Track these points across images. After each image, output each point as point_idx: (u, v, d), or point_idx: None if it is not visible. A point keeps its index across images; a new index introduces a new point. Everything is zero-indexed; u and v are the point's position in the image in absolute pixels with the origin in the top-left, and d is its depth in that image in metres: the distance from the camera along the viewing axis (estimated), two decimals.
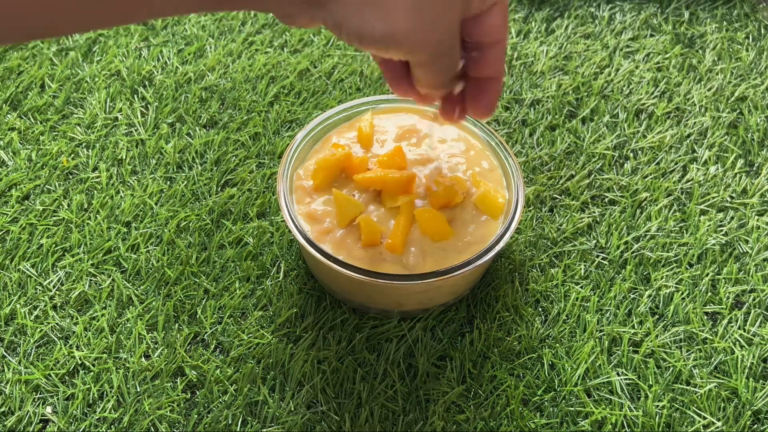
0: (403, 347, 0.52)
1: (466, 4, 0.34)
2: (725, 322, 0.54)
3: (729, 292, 0.55)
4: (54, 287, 0.54)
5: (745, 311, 0.54)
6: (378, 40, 0.32)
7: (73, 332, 0.52)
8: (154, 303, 0.53)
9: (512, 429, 0.48)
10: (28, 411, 0.48)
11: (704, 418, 0.49)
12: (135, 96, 0.66)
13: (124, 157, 0.62)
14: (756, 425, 0.49)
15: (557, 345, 0.52)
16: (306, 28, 0.38)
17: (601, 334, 0.53)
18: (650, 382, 0.51)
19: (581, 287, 0.55)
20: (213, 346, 0.52)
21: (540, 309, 0.54)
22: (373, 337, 0.52)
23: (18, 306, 0.53)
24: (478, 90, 0.40)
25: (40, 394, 0.49)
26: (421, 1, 0.31)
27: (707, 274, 0.56)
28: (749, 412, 0.49)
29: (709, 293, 0.55)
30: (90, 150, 0.62)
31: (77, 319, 0.53)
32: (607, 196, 0.61)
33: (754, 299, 0.55)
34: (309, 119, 0.65)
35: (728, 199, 0.61)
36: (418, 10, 0.32)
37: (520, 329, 0.53)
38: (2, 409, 0.49)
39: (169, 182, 0.61)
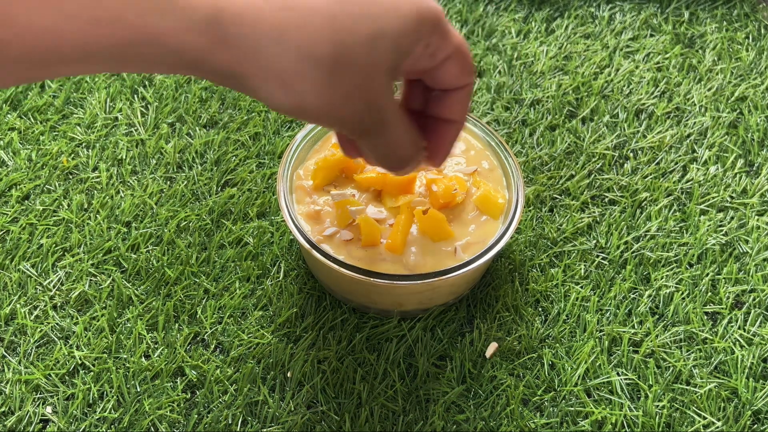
0: (403, 347, 0.52)
1: (393, 73, 0.31)
2: (725, 322, 0.54)
3: (729, 292, 0.55)
4: (54, 287, 0.54)
5: (745, 311, 0.54)
6: (291, 112, 0.30)
7: (73, 332, 0.52)
8: (154, 303, 0.53)
9: (512, 429, 0.48)
10: (28, 411, 0.48)
11: (704, 418, 0.49)
12: (135, 96, 0.66)
13: (124, 157, 0.62)
14: (756, 425, 0.49)
15: (557, 345, 0.52)
16: None
17: (601, 334, 0.53)
18: (650, 382, 0.51)
19: (581, 287, 0.55)
20: (213, 346, 0.52)
21: (540, 309, 0.54)
22: (373, 337, 0.52)
23: (18, 306, 0.53)
24: (432, 132, 0.37)
25: (40, 394, 0.49)
26: (330, 79, 0.29)
27: (707, 274, 0.56)
28: (749, 412, 0.49)
29: (709, 293, 0.55)
30: (90, 150, 0.62)
31: (77, 319, 0.53)
32: (607, 196, 0.61)
33: (754, 299, 0.55)
34: None
35: (728, 199, 0.61)
36: (325, 86, 0.29)
37: (520, 329, 0.53)
38: (2, 409, 0.49)
39: (169, 182, 0.61)
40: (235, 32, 0.28)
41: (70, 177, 0.61)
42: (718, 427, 0.49)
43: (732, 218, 0.59)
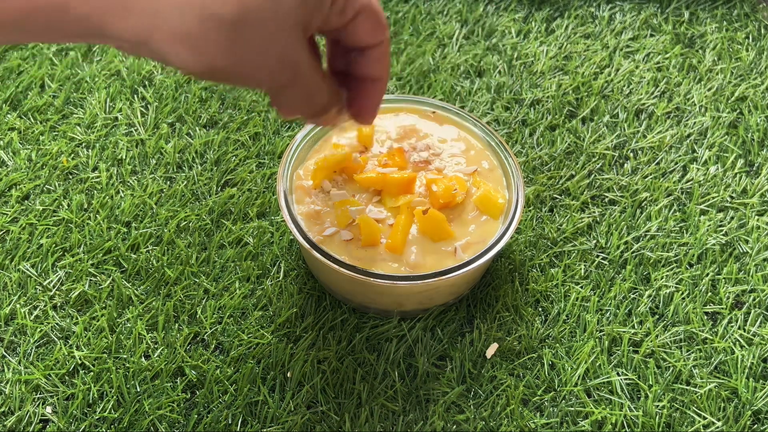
0: (403, 347, 0.52)
1: (303, 29, 0.31)
2: (725, 322, 0.54)
3: (729, 292, 0.55)
4: (54, 287, 0.54)
5: (745, 311, 0.54)
6: (202, 74, 0.30)
7: (73, 332, 0.52)
8: (154, 303, 0.53)
9: (512, 429, 0.48)
10: (28, 411, 0.48)
11: (704, 418, 0.49)
12: (135, 96, 0.66)
13: (124, 157, 0.62)
14: (756, 425, 0.49)
15: (557, 345, 0.52)
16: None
17: (601, 334, 0.53)
18: (650, 382, 0.51)
19: (581, 287, 0.55)
20: (213, 346, 0.52)
21: (540, 309, 0.54)
22: (373, 337, 0.52)
23: (18, 306, 0.53)
24: (358, 92, 0.38)
25: (40, 394, 0.49)
26: (236, 37, 0.29)
27: (707, 274, 0.56)
28: (749, 412, 0.49)
29: (709, 293, 0.55)
30: (90, 150, 0.62)
31: (77, 319, 0.53)
32: (607, 196, 0.61)
33: (754, 299, 0.55)
34: None
35: (728, 199, 0.61)
36: (232, 45, 0.29)
37: (520, 329, 0.53)
38: (2, 409, 0.49)
39: (169, 182, 0.61)
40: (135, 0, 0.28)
41: (70, 177, 0.61)
42: (718, 427, 0.49)
43: (732, 218, 0.59)
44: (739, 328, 0.53)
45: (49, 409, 0.49)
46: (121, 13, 0.28)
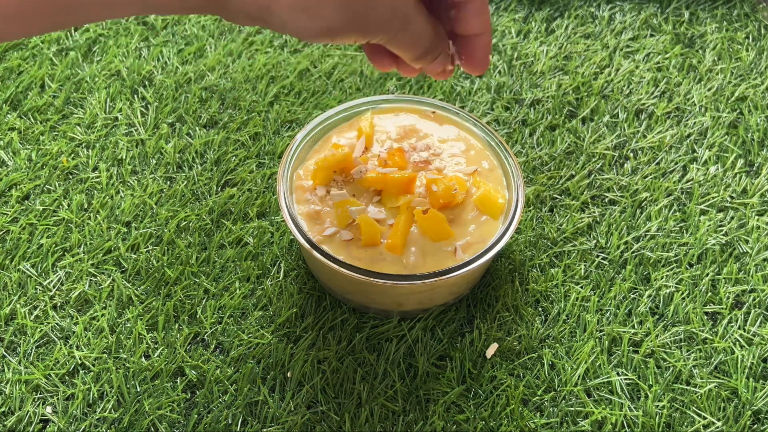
0: (403, 347, 0.52)
1: None
2: (725, 322, 0.54)
3: (729, 292, 0.55)
4: (54, 287, 0.54)
5: (745, 311, 0.54)
6: (320, 36, 0.33)
7: (73, 332, 0.52)
8: (154, 303, 0.53)
9: (512, 429, 0.48)
10: (28, 411, 0.48)
11: (704, 418, 0.49)
12: (135, 96, 0.66)
13: (124, 157, 0.62)
14: (756, 425, 0.49)
15: (557, 345, 0.52)
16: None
17: (601, 334, 0.53)
18: (650, 382, 0.51)
19: (581, 287, 0.55)
20: (213, 346, 0.52)
21: (540, 309, 0.54)
22: (373, 337, 0.52)
23: (18, 306, 0.53)
24: (466, 47, 0.40)
25: (40, 394, 0.49)
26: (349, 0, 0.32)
27: (707, 274, 0.56)
28: (749, 412, 0.49)
29: (709, 293, 0.55)
30: (90, 150, 0.62)
31: (77, 319, 0.53)
32: (607, 196, 0.61)
33: (754, 299, 0.55)
34: (309, 119, 0.65)
35: (728, 199, 0.61)
36: (346, 7, 0.32)
37: (520, 329, 0.53)
38: (2, 409, 0.49)
39: (169, 182, 0.61)
40: None
41: (70, 177, 0.61)
42: (718, 427, 0.49)
43: (732, 218, 0.59)
44: (739, 328, 0.53)
45: (49, 409, 0.49)
46: None
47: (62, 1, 0.28)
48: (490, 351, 0.52)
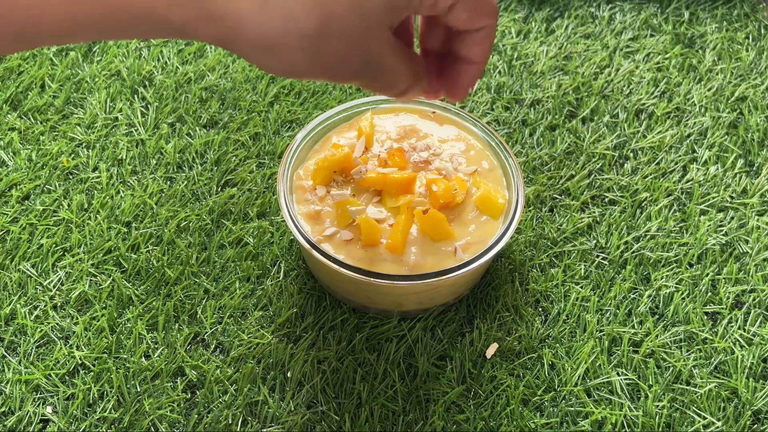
0: (403, 347, 0.52)
1: (389, 27, 0.31)
2: (725, 322, 0.54)
3: (729, 292, 0.55)
4: (54, 287, 0.54)
5: (745, 311, 0.54)
6: (287, 75, 0.31)
7: (73, 332, 0.52)
8: (154, 303, 0.53)
9: (512, 429, 0.48)
10: (28, 411, 0.48)
11: (704, 418, 0.49)
12: (135, 96, 0.66)
13: (124, 157, 0.62)
14: (756, 425, 0.49)
15: (557, 345, 0.52)
16: None
17: (601, 334, 0.53)
18: (650, 382, 0.51)
19: (581, 287, 0.55)
20: (213, 346, 0.52)
21: (540, 309, 0.54)
22: (373, 337, 0.52)
23: (18, 306, 0.53)
24: (452, 69, 0.37)
25: (40, 394, 0.49)
26: (318, 48, 0.29)
27: (707, 274, 0.56)
28: (749, 412, 0.49)
29: (709, 293, 0.55)
30: (90, 150, 0.62)
31: (77, 319, 0.53)
32: (607, 196, 0.61)
33: (754, 299, 0.55)
34: (309, 119, 0.65)
35: (728, 199, 0.61)
36: (314, 55, 0.29)
37: (520, 329, 0.53)
38: (2, 409, 0.49)
39: (169, 182, 0.61)
40: (219, 9, 0.28)
41: (70, 177, 0.61)
42: (718, 427, 0.49)
43: (732, 218, 0.59)
44: (739, 328, 0.53)
45: (49, 409, 0.49)
46: (205, 21, 0.28)
47: (22, 30, 0.27)
48: (490, 351, 0.52)
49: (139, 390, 0.50)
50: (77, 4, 0.27)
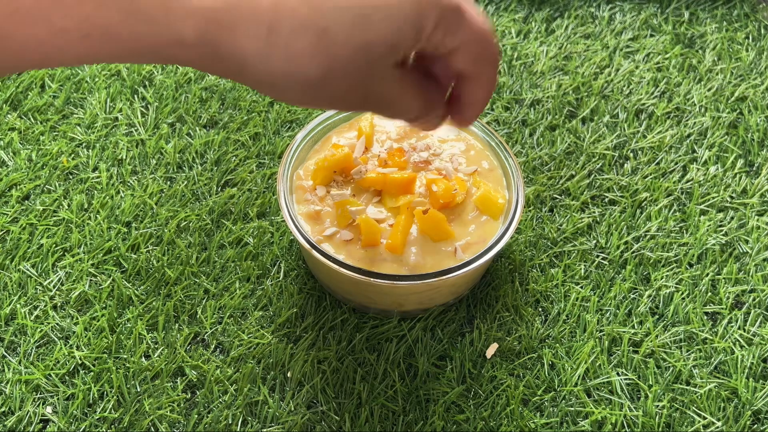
0: (403, 347, 0.52)
1: (391, 66, 0.31)
2: (725, 322, 0.54)
3: (729, 292, 0.55)
4: (54, 287, 0.54)
5: (745, 311, 0.54)
6: (289, 104, 0.32)
7: (73, 332, 0.52)
8: (154, 303, 0.53)
9: (512, 429, 0.48)
10: (28, 411, 0.48)
11: (704, 418, 0.49)
12: (135, 96, 0.66)
13: (124, 157, 0.62)
14: (756, 425, 0.49)
15: (557, 345, 0.52)
16: None
17: (601, 334, 0.53)
18: (650, 382, 0.51)
19: (581, 287, 0.55)
20: (213, 346, 0.52)
21: (540, 309, 0.54)
22: (373, 337, 0.52)
23: (18, 306, 0.53)
24: (455, 101, 0.37)
25: (40, 394, 0.49)
26: (320, 89, 0.30)
27: (707, 274, 0.56)
28: (749, 412, 0.49)
29: (709, 293, 0.55)
30: (90, 150, 0.62)
31: (77, 319, 0.53)
32: (607, 196, 0.61)
33: (754, 299, 0.55)
34: (309, 119, 0.65)
35: (728, 199, 0.61)
36: (316, 95, 0.30)
37: (520, 329, 0.53)
38: (2, 409, 0.49)
39: (169, 182, 0.61)
40: (225, 51, 0.29)
41: (70, 177, 0.61)
42: (718, 427, 0.49)
43: (732, 218, 0.59)
44: (739, 328, 0.53)
45: (49, 409, 0.49)
46: (212, 61, 0.29)
47: (31, 65, 0.28)
48: (490, 351, 0.52)
49: (139, 390, 0.50)
50: (87, 46, 0.28)
